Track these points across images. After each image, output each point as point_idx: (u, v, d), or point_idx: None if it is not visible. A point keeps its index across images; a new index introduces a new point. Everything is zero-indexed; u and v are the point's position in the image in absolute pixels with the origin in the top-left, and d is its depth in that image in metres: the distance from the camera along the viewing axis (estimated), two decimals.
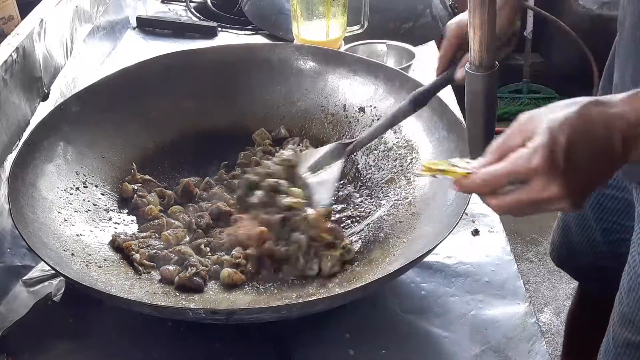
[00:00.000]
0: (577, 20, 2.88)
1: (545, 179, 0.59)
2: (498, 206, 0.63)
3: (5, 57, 0.93)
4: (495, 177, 0.62)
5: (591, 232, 1.12)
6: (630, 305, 0.92)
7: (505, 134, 0.63)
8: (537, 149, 0.59)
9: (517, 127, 0.62)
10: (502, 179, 0.61)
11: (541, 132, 0.59)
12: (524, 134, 0.61)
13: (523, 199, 0.61)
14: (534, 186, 0.60)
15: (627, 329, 0.93)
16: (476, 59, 0.73)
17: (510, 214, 0.64)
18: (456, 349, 0.79)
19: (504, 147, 0.63)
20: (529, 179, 0.60)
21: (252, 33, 1.53)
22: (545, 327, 2.02)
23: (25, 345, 0.79)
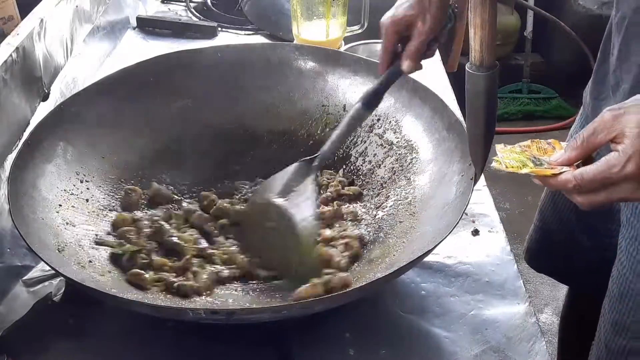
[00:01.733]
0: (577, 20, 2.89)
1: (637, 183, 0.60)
2: (585, 204, 0.64)
3: (5, 57, 0.93)
4: (588, 181, 0.62)
5: (575, 237, 1.12)
6: (623, 312, 0.92)
7: (590, 129, 0.63)
8: (631, 156, 0.59)
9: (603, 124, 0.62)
10: (594, 183, 0.62)
11: (633, 136, 0.60)
12: (610, 132, 0.61)
13: (613, 198, 0.62)
14: (625, 189, 0.61)
15: (621, 335, 0.93)
16: (477, 58, 0.73)
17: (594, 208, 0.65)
18: (456, 349, 0.79)
19: (590, 144, 0.63)
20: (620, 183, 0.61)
21: (252, 33, 1.53)
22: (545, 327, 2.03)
23: (25, 345, 0.79)
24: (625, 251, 0.92)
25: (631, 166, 0.59)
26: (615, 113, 0.62)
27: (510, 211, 2.49)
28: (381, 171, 1.01)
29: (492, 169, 0.71)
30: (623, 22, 0.89)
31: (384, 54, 0.88)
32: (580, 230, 1.11)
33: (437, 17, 0.85)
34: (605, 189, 0.62)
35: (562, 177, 0.64)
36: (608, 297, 0.96)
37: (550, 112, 3.08)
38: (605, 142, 0.62)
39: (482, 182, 1.03)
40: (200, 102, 1.08)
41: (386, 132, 1.04)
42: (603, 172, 0.61)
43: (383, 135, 1.04)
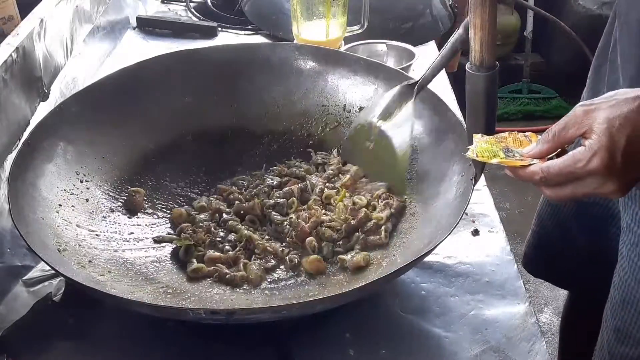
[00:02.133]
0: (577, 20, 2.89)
1: (601, 178, 0.61)
2: (552, 196, 0.66)
3: (5, 57, 0.93)
4: (554, 174, 0.63)
5: (574, 242, 1.12)
6: (625, 319, 0.92)
7: (561, 123, 0.64)
8: (596, 152, 0.60)
9: (574, 119, 0.63)
10: (560, 177, 0.63)
11: (600, 132, 0.60)
12: (581, 127, 0.62)
13: (578, 193, 0.63)
14: (590, 184, 0.62)
15: (624, 343, 0.93)
16: (477, 58, 0.73)
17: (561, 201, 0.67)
18: (456, 349, 0.79)
19: (560, 138, 0.64)
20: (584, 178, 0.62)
21: (252, 33, 1.53)
22: (545, 327, 2.03)
23: (25, 345, 0.79)
24: (627, 257, 0.91)
25: (596, 161, 0.60)
26: (586, 108, 0.63)
27: (510, 211, 2.49)
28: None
29: (466, 156, 0.72)
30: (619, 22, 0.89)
31: None
32: (579, 234, 1.10)
33: None
34: (571, 183, 0.63)
35: (530, 169, 0.65)
36: (610, 304, 0.96)
37: (550, 112, 3.09)
38: (576, 137, 0.63)
39: (482, 182, 1.03)
40: (200, 102, 1.08)
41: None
42: (568, 166, 0.62)
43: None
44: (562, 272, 1.20)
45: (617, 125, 0.60)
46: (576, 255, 1.13)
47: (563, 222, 1.12)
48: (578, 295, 1.31)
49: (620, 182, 0.61)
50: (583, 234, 1.10)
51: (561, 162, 0.63)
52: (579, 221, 1.09)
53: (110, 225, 0.91)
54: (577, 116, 0.63)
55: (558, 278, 1.26)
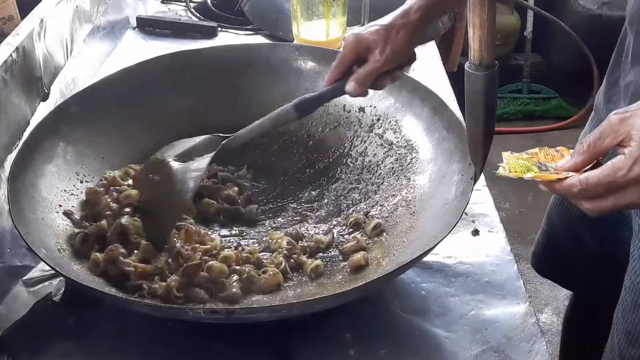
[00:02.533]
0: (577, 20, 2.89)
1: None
2: (592, 209, 0.63)
3: (5, 57, 0.93)
4: (593, 185, 0.61)
5: (583, 243, 1.11)
6: (637, 322, 0.91)
7: (596, 133, 0.62)
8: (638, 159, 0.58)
9: (609, 128, 0.61)
10: (600, 187, 0.60)
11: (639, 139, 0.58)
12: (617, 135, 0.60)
13: (620, 204, 0.61)
14: (632, 193, 0.59)
15: (634, 346, 0.92)
16: (476, 58, 0.73)
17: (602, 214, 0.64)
18: (456, 349, 0.79)
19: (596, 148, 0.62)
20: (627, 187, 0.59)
21: (252, 33, 1.53)
22: (545, 327, 2.03)
23: (25, 345, 0.79)
24: (638, 260, 0.91)
25: (638, 169, 0.58)
26: (621, 116, 0.61)
27: (510, 211, 2.49)
28: (381, 171, 1.01)
29: (498, 174, 0.70)
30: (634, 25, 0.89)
31: (336, 68, 0.87)
32: (590, 236, 1.09)
33: (398, 50, 0.84)
34: (612, 193, 0.60)
35: (567, 181, 0.63)
36: (621, 306, 0.95)
37: (550, 112, 3.09)
38: (612, 147, 0.61)
39: (482, 182, 1.03)
40: (200, 102, 1.09)
41: (386, 132, 1.04)
42: (608, 175, 0.59)
43: (383, 135, 1.04)
44: (570, 272, 1.20)
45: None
46: (585, 257, 1.12)
47: (573, 224, 1.12)
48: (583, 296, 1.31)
49: None
50: (593, 236, 1.09)
51: (600, 172, 0.60)
52: (589, 223, 1.08)
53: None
54: (613, 125, 0.61)
55: (565, 279, 1.26)
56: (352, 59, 0.86)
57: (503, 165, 0.69)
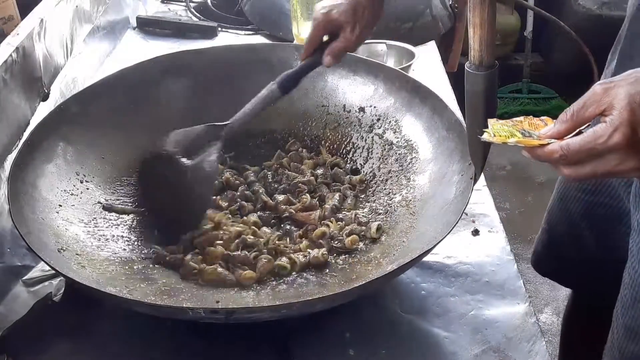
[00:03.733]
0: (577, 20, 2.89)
1: (623, 155, 0.59)
2: (572, 176, 0.64)
3: (5, 57, 0.93)
4: (574, 151, 0.62)
5: (583, 241, 1.11)
6: (636, 317, 0.91)
7: (579, 102, 0.63)
8: (618, 127, 0.59)
9: (593, 97, 0.62)
10: (580, 154, 0.61)
11: (621, 108, 0.59)
12: (600, 105, 0.61)
13: (598, 172, 0.62)
14: (611, 160, 0.60)
15: (634, 341, 0.92)
16: (476, 58, 0.73)
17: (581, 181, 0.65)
18: (456, 349, 0.79)
19: (579, 117, 0.63)
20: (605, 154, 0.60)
21: (252, 33, 1.53)
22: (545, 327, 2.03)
23: (25, 345, 0.79)
24: (637, 256, 0.91)
25: (617, 136, 0.59)
26: (605, 86, 0.61)
27: (510, 211, 2.49)
28: (381, 171, 1.01)
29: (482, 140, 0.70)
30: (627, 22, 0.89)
31: (308, 44, 0.95)
32: (589, 234, 1.10)
33: (367, 26, 0.92)
34: (591, 160, 0.61)
35: (548, 147, 0.64)
36: (620, 302, 0.95)
37: (550, 112, 3.08)
38: (595, 116, 0.62)
39: (482, 182, 1.03)
40: (200, 102, 1.08)
41: (386, 132, 1.04)
42: (589, 142, 0.60)
43: (383, 135, 1.04)
44: (570, 271, 1.20)
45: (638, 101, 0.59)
46: (585, 255, 1.12)
47: (573, 222, 1.12)
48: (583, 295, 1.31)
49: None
50: (592, 233, 1.09)
51: (581, 138, 0.61)
52: (588, 220, 1.09)
53: (110, 225, 0.91)
54: (596, 94, 0.61)
55: (565, 277, 1.26)
56: (323, 32, 0.93)
57: (488, 130, 0.70)
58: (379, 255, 0.86)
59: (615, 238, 1.03)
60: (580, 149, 0.61)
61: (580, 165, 0.62)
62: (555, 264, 1.22)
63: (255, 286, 0.84)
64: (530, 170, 2.72)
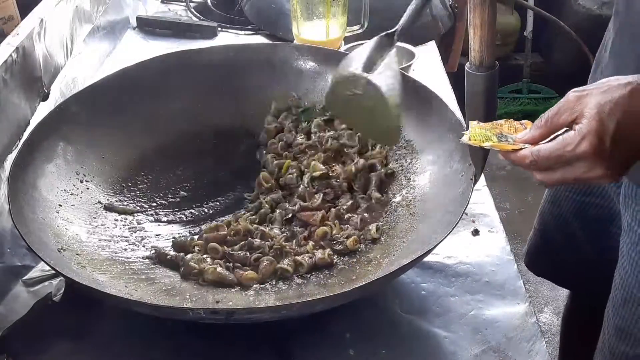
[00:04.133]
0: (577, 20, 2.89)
1: (590, 163, 0.61)
2: (543, 180, 0.66)
3: (5, 57, 0.93)
4: (543, 158, 0.64)
5: (576, 241, 1.12)
6: (626, 317, 0.92)
7: (554, 109, 0.64)
8: (585, 136, 0.60)
9: (566, 104, 0.63)
10: (549, 160, 0.63)
11: (590, 117, 0.61)
12: (573, 112, 0.62)
13: (567, 178, 0.64)
14: (579, 168, 0.62)
15: (624, 341, 0.93)
16: (476, 58, 0.73)
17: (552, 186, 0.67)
18: (456, 349, 0.79)
19: (553, 124, 0.64)
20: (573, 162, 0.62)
21: (252, 33, 1.53)
22: (545, 327, 2.03)
23: (25, 345, 0.79)
24: (627, 257, 0.91)
25: (584, 145, 0.60)
26: (578, 94, 0.63)
27: (510, 211, 2.49)
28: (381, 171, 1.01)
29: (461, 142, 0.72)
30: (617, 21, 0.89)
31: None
32: (581, 234, 1.10)
33: None
34: (561, 167, 0.63)
35: (520, 152, 0.66)
36: (611, 302, 0.96)
37: None
38: (568, 122, 0.63)
39: (482, 182, 1.03)
40: (200, 102, 1.08)
41: None
42: (558, 149, 0.62)
43: None
44: (564, 271, 1.20)
45: (607, 111, 0.60)
46: (578, 255, 1.13)
47: (565, 222, 1.12)
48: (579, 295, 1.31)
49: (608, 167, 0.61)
50: (585, 233, 1.10)
51: (550, 146, 0.63)
52: (580, 220, 1.09)
53: (110, 225, 0.91)
54: (570, 102, 0.63)
55: (560, 277, 1.26)
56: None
57: (467, 133, 0.72)
58: (379, 256, 0.86)
59: (607, 238, 1.03)
60: (550, 156, 0.63)
61: (551, 171, 0.64)
62: (550, 264, 1.23)
63: (255, 287, 0.84)
64: None
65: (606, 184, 0.85)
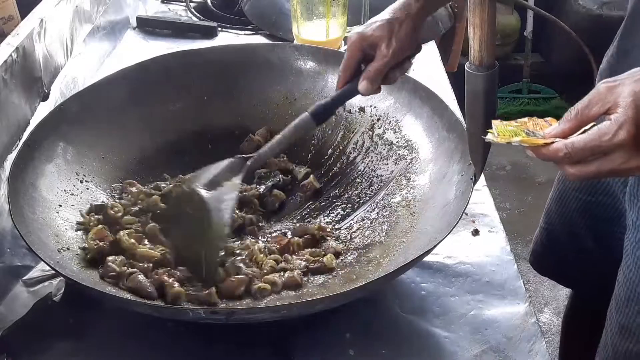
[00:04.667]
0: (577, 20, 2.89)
1: (628, 152, 0.59)
2: (576, 175, 0.63)
3: (5, 57, 0.93)
4: (579, 149, 0.61)
5: (581, 240, 1.12)
6: (630, 315, 0.92)
7: (584, 101, 0.63)
8: (623, 124, 0.59)
9: (597, 96, 0.62)
10: (585, 152, 0.61)
11: (626, 105, 0.59)
12: (605, 103, 0.61)
13: (603, 170, 0.61)
14: (616, 159, 0.60)
15: (628, 339, 0.93)
16: (476, 58, 0.73)
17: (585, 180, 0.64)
18: (456, 349, 0.79)
19: (584, 116, 0.63)
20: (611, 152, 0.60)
21: (252, 33, 1.53)
22: (545, 327, 2.03)
23: (25, 345, 0.79)
24: (632, 255, 0.91)
25: (623, 134, 0.59)
26: (609, 85, 0.62)
27: (510, 211, 2.49)
28: (381, 171, 1.01)
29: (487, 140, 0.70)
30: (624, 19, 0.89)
31: (343, 70, 0.87)
32: (586, 233, 1.10)
33: (404, 43, 0.84)
34: (597, 159, 0.61)
35: (553, 146, 0.63)
36: (614, 300, 0.96)
37: (550, 112, 3.08)
38: (600, 114, 0.62)
39: (482, 182, 1.03)
40: (200, 102, 1.09)
41: (386, 132, 1.04)
42: (594, 140, 0.60)
43: (383, 136, 1.04)
44: (569, 269, 1.20)
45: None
46: (582, 254, 1.13)
47: (570, 221, 1.12)
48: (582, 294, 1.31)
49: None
50: (589, 233, 1.10)
51: (586, 136, 0.61)
52: (586, 219, 1.09)
53: None
54: (601, 93, 0.61)
55: (563, 276, 1.26)
56: (359, 58, 0.86)
57: (492, 131, 0.70)
58: (379, 256, 0.86)
59: (612, 237, 1.03)
60: (585, 147, 0.61)
61: (585, 164, 0.62)
62: (554, 263, 1.23)
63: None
64: (530, 170, 2.72)
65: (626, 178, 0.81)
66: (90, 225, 0.87)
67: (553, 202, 1.17)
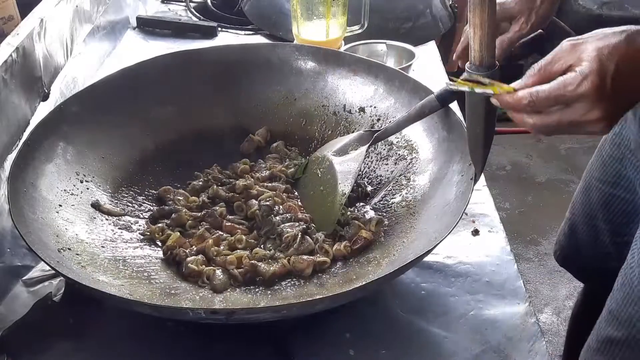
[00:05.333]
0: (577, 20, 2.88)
1: (590, 103, 0.61)
2: (536, 125, 0.65)
3: (5, 57, 0.93)
4: (543, 98, 0.63)
5: (599, 233, 1.12)
6: (618, 301, 0.92)
7: (548, 58, 0.64)
8: (587, 75, 0.60)
9: (561, 53, 0.64)
10: (549, 100, 0.63)
11: (590, 59, 0.61)
12: (568, 60, 0.63)
13: (563, 121, 0.63)
14: (578, 109, 0.62)
15: (611, 325, 0.93)
16: (476, 58, 0.73)
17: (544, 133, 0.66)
18: (456, 349, 0.79)
19: (546, 72, 0.64)
20: (573, 103, 0.61)
21: (252, 33, 1.53)
22: (545, 327, 2.03)
23: (25, 345, 0.79)
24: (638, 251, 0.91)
25: (587, 84, 0.60)
26: (573, 43, 0.63)
27: (510, 211, 2.49)
28: (381, 171, 1.01)
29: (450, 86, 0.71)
30: None
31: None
32: (603, 225, 1.11)
33: (543, 20, 0.89)
34: (559, 109, 0.63)
35: (517, 94, 0.65)
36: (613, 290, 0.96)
37: None
38: (562, 71, 0.63)
39: (482, 182, 1.03)
40: (200, 102, 1.09)
41: None
42: (558, 89, 0.62)
43: None
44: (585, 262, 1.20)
45: (606, 54, 0.61)
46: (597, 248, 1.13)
47: (592, 212, 1.12)
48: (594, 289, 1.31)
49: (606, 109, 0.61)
50: (607, 226, 1.10)
51: (550, 85, 0.63)
52: (605, 212, 1.09)
53: (110, 225, 0.91)
54: (564, 50, 0.63)
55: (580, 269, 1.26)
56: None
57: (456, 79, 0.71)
58: (379, 256, 0.86)
59: (626, 234, 1.03)
60: (549, 96, 0.63)
61: (547, 114, 0.64)
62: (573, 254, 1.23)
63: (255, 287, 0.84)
64: (530, 170, 2.72)
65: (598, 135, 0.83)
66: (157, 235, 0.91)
67: (579, 194, 1.18)
